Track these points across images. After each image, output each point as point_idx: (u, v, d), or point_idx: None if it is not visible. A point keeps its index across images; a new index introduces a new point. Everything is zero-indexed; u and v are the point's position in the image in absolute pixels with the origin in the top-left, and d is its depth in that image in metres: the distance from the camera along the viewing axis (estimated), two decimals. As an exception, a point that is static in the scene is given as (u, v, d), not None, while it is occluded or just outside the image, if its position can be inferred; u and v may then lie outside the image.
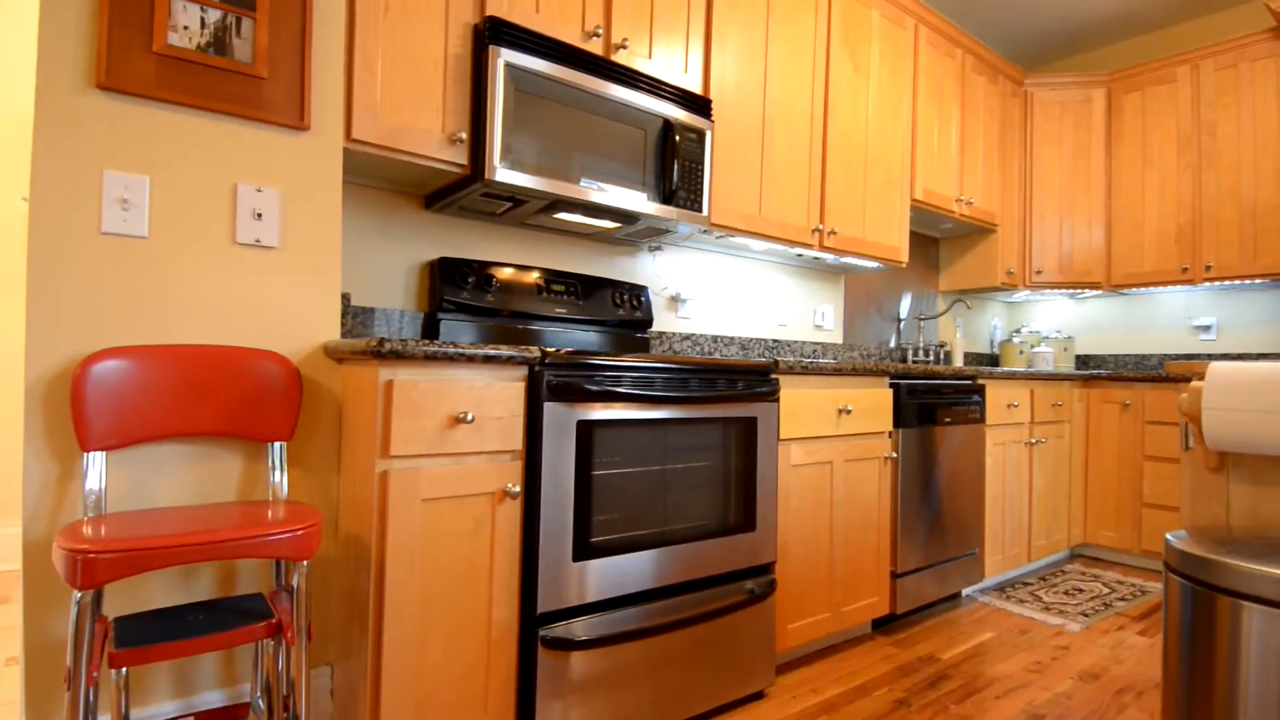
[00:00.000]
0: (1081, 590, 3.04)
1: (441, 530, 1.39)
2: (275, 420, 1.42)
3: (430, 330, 2.01)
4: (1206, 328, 3.66)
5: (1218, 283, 3.38)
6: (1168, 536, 1.10)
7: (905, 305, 3.73)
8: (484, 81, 1.76)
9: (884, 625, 2.52)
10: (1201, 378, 1.25)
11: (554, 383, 1.51)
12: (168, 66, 1.36)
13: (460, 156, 1.77)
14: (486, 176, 1.74)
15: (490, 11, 1.80)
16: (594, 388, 1.55)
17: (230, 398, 1.39)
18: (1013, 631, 2.54)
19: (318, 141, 1.54)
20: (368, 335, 1.94)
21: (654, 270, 2.62)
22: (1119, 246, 3.69)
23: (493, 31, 1.75)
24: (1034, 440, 3.13)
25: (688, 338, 2.72)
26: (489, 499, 1.45)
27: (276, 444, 1.44)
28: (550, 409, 1.51)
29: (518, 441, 1.49)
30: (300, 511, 1.26)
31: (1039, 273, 3.74)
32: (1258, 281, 3.32)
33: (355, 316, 1.92)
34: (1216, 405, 1.11)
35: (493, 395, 1.45)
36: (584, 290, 2.30)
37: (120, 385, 1.29)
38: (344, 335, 1.89)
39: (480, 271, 2.06)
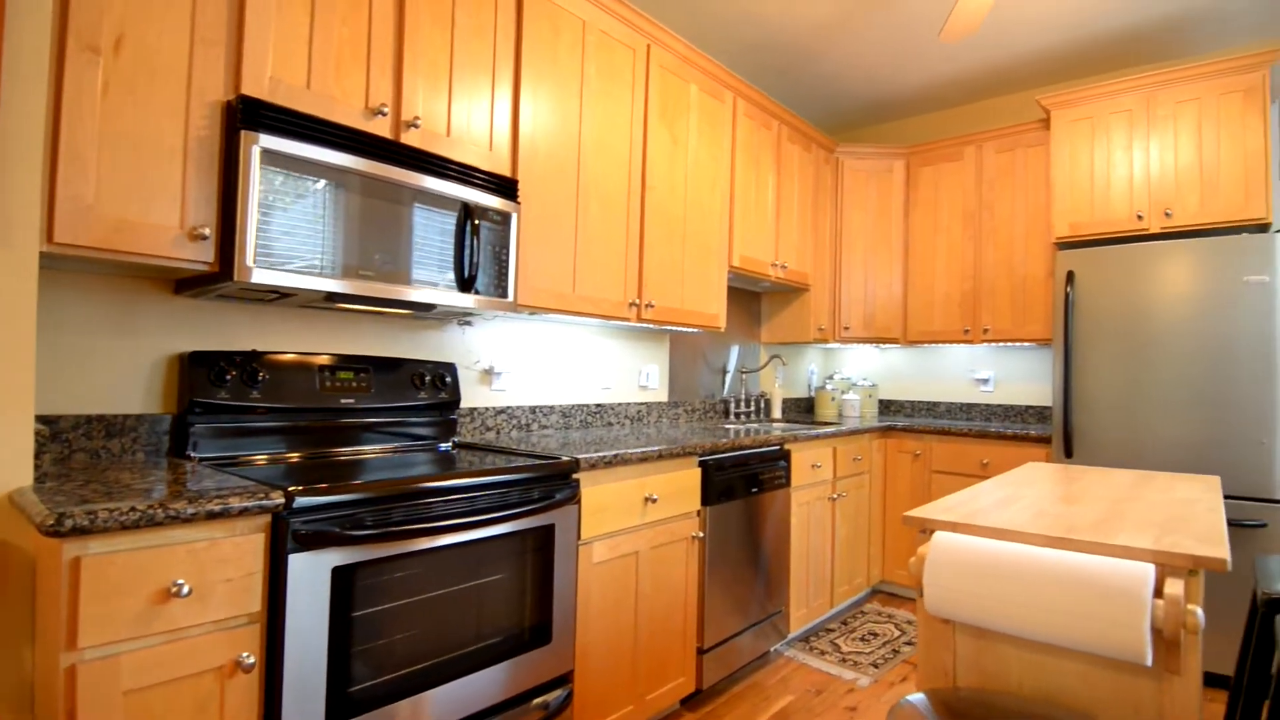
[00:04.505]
0: (876, 634, 3.27)
1: (150, 724, 1.19)
2: (-75, 605, 1.16)
3: (179, 437, 1.76)
4: (985, 380, 4.09)
5: (994, 343, 3.78)
6: (903, 704, 1.14)
7: (733, 358, 3.85)
8: (236, 170, 1.55)
9: (692, 700, 2.56)
10: (932, 534, 1.32)
11: (303, 532, 1.35)
12: None
13: (205, 254, 1.55)
14: (238, 278, 1.54)
15: (245, 90, 1.60)
16: (354, 531, 1.41)
17: None
18: (810, 692, 2.68)
19: (2, 254, 1.28)
20: (93, 449, 1.66)
21: (464, 345, 2.49)
22: (914, 306, 4.03)
23: (246, 114, 1.55)
24: (836, 495, 3.33)
25: (502, 412, 2.61)
26: (216, 675, 1.27)
27: (-72, 632, 1.17)
28: (298, 561, 1.35)
29: (256, 602, 1.32)
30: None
31: (846, 329, 4.00)
32: (1026, 344, 3.74)
33: (78, 429, 1.63)
34: (934, 582, 1.18)
35: (221, 555, 1.27)
36: (378, 374, 2.13)
37: None
38: (45, 470, 1.61)
39: (245, 364, 1.84)
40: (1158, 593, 1.07)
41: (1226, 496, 2.82)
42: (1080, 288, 3.17)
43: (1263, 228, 3.00)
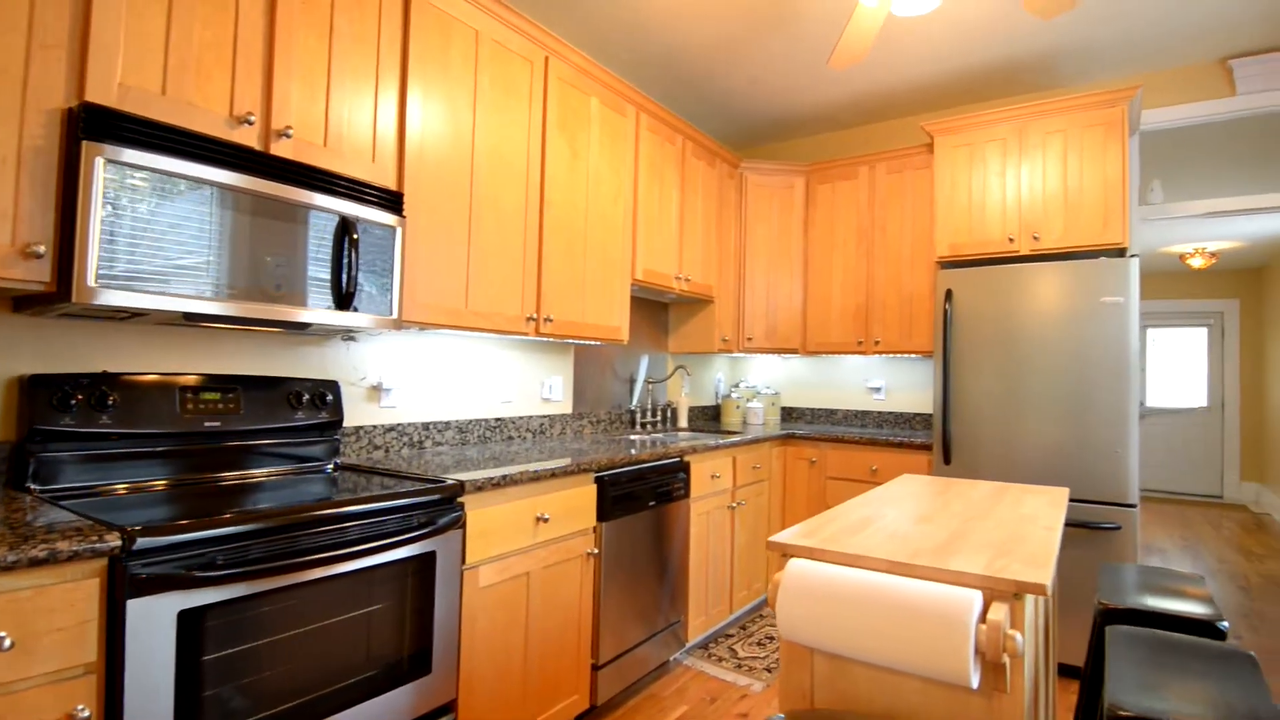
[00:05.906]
0: (772, 638, 3.37)
1: (-42, 795, 1.09)
2: None
3: (18, 467, 1.62)
4: (878, 389, 4.28)
5: (885, 354, 3.96)
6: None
7: (642, 368, 3.87)
8: (76, 183, 1.44)
9: (586, 716, 2.56)
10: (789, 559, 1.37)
11: (142, 576, 1.27)
12: None
13: (40, 273, 1.43)
14: (78, 299, 1.43)
15: (90, 97, 1.48)
16: (202, 573, 1.34)
17: None
18: (705, 700, 2.73)
19: None
20: (-88, 482, 1.50)
21: (350, 361, 2.40)
22: (812, 318, 4.18)
23: (90, 123, 1.44)
24: (736, 504, 3.41)
25: (392, 429, 2.53)
26: (43, 733, 1.18)
27: None
28: (138, 607, 1.26)
29: (91, 652, 1.23)
30: None
31: (749, 339, 4.11)
32: (912, 355, 3.94)
33: (-111, 461, 1.48)
34: (786, 608, 1.22)
35: (50, 604, 1.18)
36: (250, 394, 2.02)
37: None
38: None
39: (93, 387, 1.71)
40: (985, 617, 1.15)
41: (1086, 501, 3.06)
42: (958, 305, 3.37)
43: (1120, 252, 3.27)
